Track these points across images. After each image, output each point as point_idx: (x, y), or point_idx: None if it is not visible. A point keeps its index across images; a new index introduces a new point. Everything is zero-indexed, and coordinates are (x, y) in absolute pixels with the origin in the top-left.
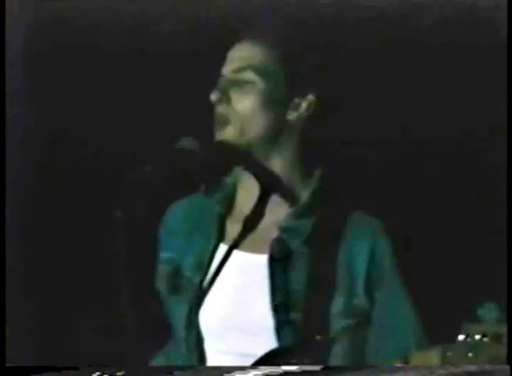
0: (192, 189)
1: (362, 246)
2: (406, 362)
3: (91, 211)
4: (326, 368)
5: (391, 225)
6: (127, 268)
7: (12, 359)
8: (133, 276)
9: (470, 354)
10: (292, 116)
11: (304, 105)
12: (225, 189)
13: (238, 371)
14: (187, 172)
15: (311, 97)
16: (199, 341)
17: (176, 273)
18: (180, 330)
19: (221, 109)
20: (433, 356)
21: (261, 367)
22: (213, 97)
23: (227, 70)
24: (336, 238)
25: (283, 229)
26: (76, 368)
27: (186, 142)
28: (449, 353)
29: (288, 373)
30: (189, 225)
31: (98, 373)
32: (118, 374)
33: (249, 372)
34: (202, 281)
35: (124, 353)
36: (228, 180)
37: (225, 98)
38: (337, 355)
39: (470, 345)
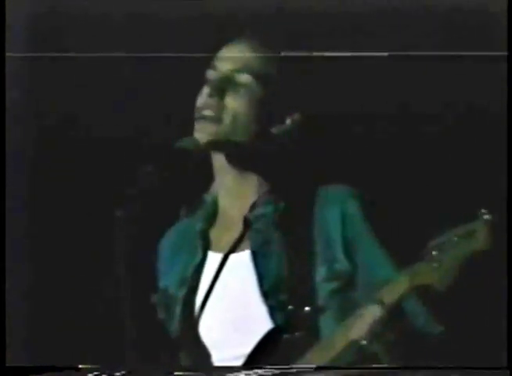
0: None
1: (333, 212)
2: (380, 301)
3: (91, 211)
4: (320, 368)
5: (358, 188)
6: (127, 268)
7: (12, 359)
8: (133, 275)
9: (434, 265)
10: (277, 130)
11: (288, 122)
12: (204, 207)
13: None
14: (187, 172)
15: (297, 116)
16: (201, 355)
17: (165, 298)
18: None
19: (211, 101)
20: (400, 282)
21: (250, 369)
22: (206, 90)
23: (223, 67)
24: (307, 213)
25: (256, 218)
26: (76, 368)
27: (187, 142)
28: (414, 272)
29: (284, 373)
30: (174, 251)
31: (96, 373)
32: (117, 374)
33: (240, 372)
34: (187, 295)
35: (123, 353)
36: (207, 198)
37: (218, 94)
38: (328, 320)
39: (433, 258)
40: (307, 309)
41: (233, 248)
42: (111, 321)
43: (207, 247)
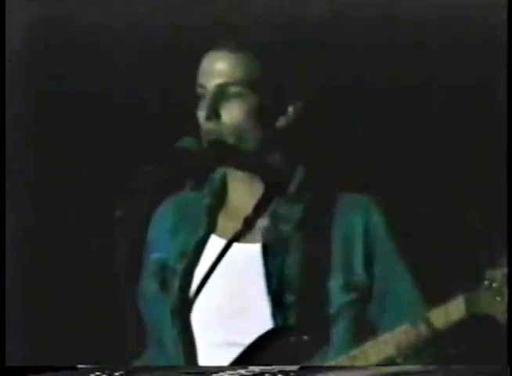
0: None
1: (356, 222)
2: (428, 323)
3: (91, 211)
4: (304, 368)
5: (381, 198)
6: (126, 268)
7: (12, 359)
8: (133, 275)
9: (497, 298)
10: (281, 122)
11: (291, 110)
12: (212, 184)
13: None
14: (187, 172)
15: (298, 103)
16: (188, 334)
17: (163, 269)
18: (166, 326)
19: (210, 125)
20: (456, 308)
21: (237, 368)
22: (201, 114)
23: (210, 83)
24: (328, 218)
25: (274, 216)
26: (75, 368)
27: (187, 142)
28: (474, 301)
29: (265, 372)
30: (176, 222)
31: (97, 373)
32: (116, 374)
33: (225, 372)
34: (186, 268)
35: (123, 353)
36: (214, 175)
37: (215, 114)
38: (339, 331)
39: (495, 290)
40: (305, 337)
41: (238, 237)
42: (111, 321)
43: (211, 225)
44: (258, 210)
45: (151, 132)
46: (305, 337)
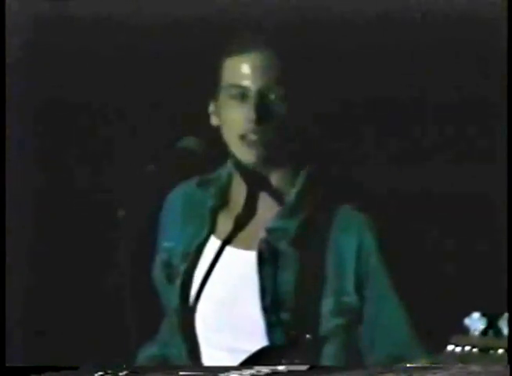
0: None
1: (350, 243)
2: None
3: (93, 211)
4: (313, 368)
5: (378, 220)
6: (128, 267)
7: (12, 359)
8: (134, 275)
9: (459, 365)
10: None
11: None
12: (219, 183)
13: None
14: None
15: (298, 109)
16: (190, 328)
17: (169, 262)
18: (172, 318)
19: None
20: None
21: (245, 368)
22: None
23: (223, 80)
24: (323, 236)
25: (270, 231)
26: (76, 368)
27: (188, 142)
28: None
29: (275, 373)
30: (184, 216)
31: (100, 373)
32: (120, 374)
33: (232, 372)
34: (187, 269)
35: (124, 353)
36: (222, 172)
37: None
38: (329, 354)
39: (458, 356)
40: (308, 336)
41: (233, 241)
42: (113, 321)
43: (212, 228)
44: (244, 212)
45: (152, 132)
46: (296, 361)
